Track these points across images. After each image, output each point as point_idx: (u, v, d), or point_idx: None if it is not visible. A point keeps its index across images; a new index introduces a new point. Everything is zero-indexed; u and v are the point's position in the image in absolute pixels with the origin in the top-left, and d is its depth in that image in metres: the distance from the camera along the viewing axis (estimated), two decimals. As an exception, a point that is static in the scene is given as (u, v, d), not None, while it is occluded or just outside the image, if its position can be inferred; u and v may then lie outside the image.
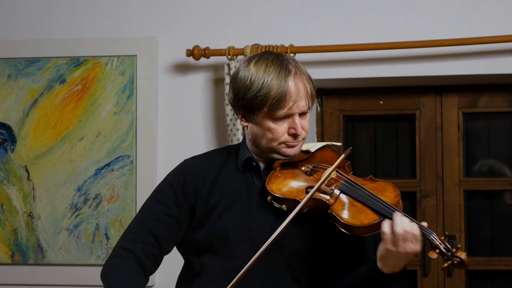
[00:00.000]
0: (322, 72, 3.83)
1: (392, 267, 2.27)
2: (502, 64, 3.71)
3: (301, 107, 2.35)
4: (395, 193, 2.32)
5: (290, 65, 2.37)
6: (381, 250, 2.25)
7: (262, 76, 2.33)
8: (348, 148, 2.45)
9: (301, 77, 2.36)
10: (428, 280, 3.95)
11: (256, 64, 2.36)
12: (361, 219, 2.26)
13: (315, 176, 2.36)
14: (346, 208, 2.29)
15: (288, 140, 2.37)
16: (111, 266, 2.41)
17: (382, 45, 3.70)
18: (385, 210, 2.26)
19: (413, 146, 4.04)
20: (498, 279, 4.01)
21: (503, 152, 4.05)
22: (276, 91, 2.32)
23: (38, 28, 4.04)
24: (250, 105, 2.35)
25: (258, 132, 2.39)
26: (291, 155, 2.40)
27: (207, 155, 2.54)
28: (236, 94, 2.39)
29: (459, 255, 2.21)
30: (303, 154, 2.44)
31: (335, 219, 2.28)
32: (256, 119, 2.37)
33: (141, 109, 3.92)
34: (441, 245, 2.22)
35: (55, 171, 3.97)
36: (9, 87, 4.03)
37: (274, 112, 2.33)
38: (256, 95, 2.33)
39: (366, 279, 2.31)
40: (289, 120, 2.36)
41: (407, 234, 2.20)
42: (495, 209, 4.05)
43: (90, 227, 3.93)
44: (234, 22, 3.90)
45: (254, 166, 2.43)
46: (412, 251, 2.22)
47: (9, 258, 3.99)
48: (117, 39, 3.97)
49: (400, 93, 4.03)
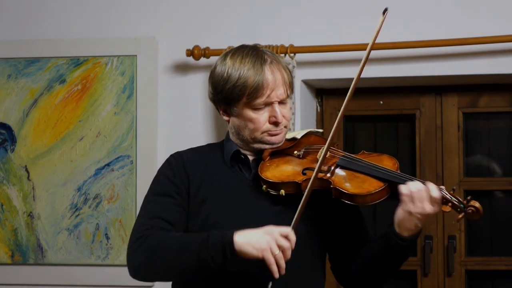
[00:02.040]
0: (322, 72, 3.83)
1: (410, 229, 2.28)
2: (502, 64, 3.71)
3: (279, 95, 2.38)
4: (393, 161, 2.37)
5: (265, 55, 2.40)
6: (400, 213, 2.27)
7: (239, 68, 2.37)
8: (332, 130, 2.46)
9: (277, 65, 2.40)
10: (428, 280, 3.95)
11: (232, 57, 2.40)
12: (367, 187, 2.28)
13: (308, 158, 2.38)
14: (349, 181, 2.30)
15: (270, 129, 2.39)
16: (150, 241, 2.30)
17: (382, 45, 3.70)
18: (389, 175, 2.30)
19: (413, 146, 4.04)
20: (498, 279, 4.01)
21: (503, 152, 4.05)
22: (253, 80, 2.35)
23: (38, 28, 4.04)
24: (229, 97, 2.38)
25: (240, 124, 2.41)
26: (276, 142, 2.41)
27: (193, 150, 2.55)
28: (215, 88, 2.41)
29: (472, 204, 2.25)
30: (289, 142, 2.45)
31: (339, 193, 2.29)
32: (236, 111, 2.40)
33: (141, 109, 3.92)
34: (453, 198, 2.26)
35: (55, 171, 3.97)
36: (9, 87, 4.03)
37: (253, 101, 2.36)
38: (234, 86, 2.36)
39: (385, 248, 2.31)
40: (269, 109, 2.38)
41: (423, 192, 2.25)
42: (495, 209, 4.05)
43: (90, 227, 3.93)
44: (234, 22, 3.90)
45: (243, 159, 2.43)
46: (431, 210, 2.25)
47: (9, 258, 3.99)
48: (117, 39, 3.97)
49: (400, 93, 4.03)
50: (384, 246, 2.32)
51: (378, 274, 2.39)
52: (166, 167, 2.46)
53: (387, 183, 2.29)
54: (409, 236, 2.29)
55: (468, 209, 2.26)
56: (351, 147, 4.12)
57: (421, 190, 2.25)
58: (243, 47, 2.43)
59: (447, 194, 2.27)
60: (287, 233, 2.22)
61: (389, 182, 2.29)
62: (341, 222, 2.42)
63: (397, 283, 4.12)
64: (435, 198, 2.25)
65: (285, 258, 2.21)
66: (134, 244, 2.33)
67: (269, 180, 2.34)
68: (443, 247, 3.95)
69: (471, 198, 2.28)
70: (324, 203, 2.36)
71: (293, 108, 3.72)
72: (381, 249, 2.33)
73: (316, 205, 2.35)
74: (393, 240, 2.29)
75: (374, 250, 2.35)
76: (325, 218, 2.41)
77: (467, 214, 2.26)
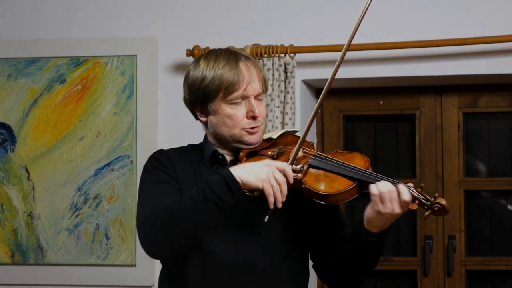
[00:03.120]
0: (322, 72, 3.83)
1: (379, 227, 2.31)
2: (502, 64, 3.71)
3: (255, 88, 2.40)
4: (364, 159, 2.38)
5: (239, 54, 2.44)
6: (369, 212, 2.29)
7: (214, 66, 2.40)
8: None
9: (251, 62, 2.44)
10: (428, 280, 3.95)
11: (205, 59, 2.43)
12: (336, 187, 2.30)
13: (281, 158, 2.40)
14: (320, 180, 2.33)
15: (249, 124, 2.41)
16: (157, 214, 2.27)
17: (382, 45, 3.70)
18: (358, 174, 2.32)
19: (413, 146, 4.04)
20: (498, 279, 4.01)
21: (503, 152, 4.05)
22: (228, 74, 2.38)
23: (38, 28, 4.04)
24: (206, 94, 2.39)
25: (217, 122, 2.42)
26: (253, 142, 2.43)
27: (175, 149, 2.55)
28: (190, 88, 2.43)
29: (439, 201, 2.28)
30: (265, 143, 2.47)
31: (310, 193, 2.31)
32: (214, 108, 2.41)
33: (141, 109, 3.92)
34: (420, 195, 2.28)
35: (55, 171, 3.97)
36: (9, 87, 4.03)
37: (230, 95, 2.38)
38: (210, 82, 2.38)
39: (355, 245, 2.34)
40: (246, 104, 2.40)
41: (392, 193, 2.26)
42: (495, 209, 4.05)
43: (90, 227, 3.93)
44: (234, 22, 3.90)
45: (221, 159, 2.45)
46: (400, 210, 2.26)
47: (9, 258, 3.99)
48: (117, 39, 3.97)
49: (400, 93, 4.03)
50: (355, 243, 2.34)
51: (354, 272, 2.40)
52: (152, 161, 2.47)
53: (357, 182, 2.31)
54: (378, 232, 2.31)
55: (434, 206, 2.29)
56: (351, 147, 4.12)
57: (391, 191, 2.26)
58: (215, 49, 2.47)
59: (414, 192, 2.29)
60: (284, 168, 2.26)
61: (359, 181, 2.31)
62: (318, 220, 2.44)
63: (397, 283, 4.12)
64: (404, 200, 2.27)
65: (281, 192, 2.24)
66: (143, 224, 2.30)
67: None
68: (443, 247, 3.95)
69: (438, 196, 2.31)
70: (300, 202, 2.38)
71: (293, 108, 3.73)
72: (352, 246, 2.35)
73: (293, 204, 2.36)
74: (363, 237, 2.31)
75: (347, 247, 2.37)
76: (303, 216, 2.43)
77: (433, 211, 2.29)
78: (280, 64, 3.73)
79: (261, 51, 3.73)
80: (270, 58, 3.73)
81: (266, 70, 3.72)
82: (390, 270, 4.03)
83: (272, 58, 3.73)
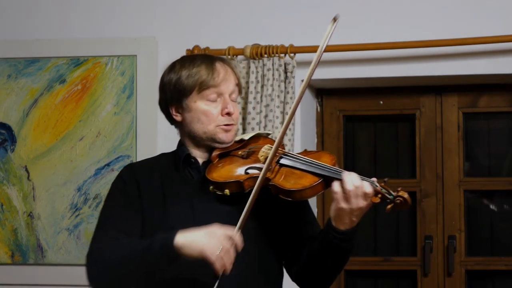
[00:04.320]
0: (322, 72, 3.82)
1: (346, 223, 2.33)
2: (502, 64, 3.71)
3: (230, 87, 2.46)
4: (331, 157, 2.43)
5: (215, 56, 2.52)
6: (335, 209, 2.32)
7: (189, 65, 2.46)
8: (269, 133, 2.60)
9: (228, 63, 2.50)
10: (428, 280, 3.95)
11: (180, 62, 2.50)
12: (302, 183, 2.35)
13: (251, 158, 2.46)
14: (287, 177, 2.38)
15: (223, 121, 2.45)
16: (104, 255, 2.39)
17: (382, 45, 3.70)
18: (324, 170, 2.36)
19: (413, 146, 4.04)
20: (498, 279, 4.01)
21: (503, 152, 4.05)
22: (205, 70, 2.43)
23: (38, 28, 4.04)
24: (181, 90, 2.44)
25: (192, 119, 2.46)
26: (226, 141, 2.47)
27: (144, 160, 2.62)
28: (166, 88, 2.49)
29: (401, 195, 2.32)
30: (237, 144, 2.52)
31: (278, 190, 2.37)
32: (188, 105, 2.46)
33: (141, 109, 3.92)
34: (383, 189, 2.33)
35: (55, 171, 3.97)
36: (9, 87, 4.03)
37: (205, 91, 2.43)
38: (186, 78, 2.44)
39: (324, 243, 2.35)
40: (221, 101, 2.45)
41: (357, 189, 2.28)
42: (495, 209, 4.05)
43: (90, 227, 3.93)
44: (234, 22, 3.90)
45: (193, 163, 2.48)
46: (364, 205, 2.30)
47: (9, 258, 3.99)
48: (117, 39, 3.97)
49: (400, 93, 4.03)
50: (322, 241, 2.36)
51: (322, 271, 2.41)
52: (117, 180, 2.52)
53: (323, 178, 2.36)
54: (346, 229, 2.32)
55: (396, 200, 2.33)
56: (351, 147, 4.12)
57: (355, 187, 2.29)
58: (190, 55, 2.53)
59: (377, 186, 2.33)
60: (232, 235, 2.26)
61: (325, 177, 2.36)
62: (286, 218, 2.47)
63: (397, 283, 4.12)
64: (367, 193, 2.30)
65: (228, 258, 2.24)
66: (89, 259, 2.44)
67: (215, 181, 2.42)
68: (443, 247, 3.95)
69: (401, 189, 2.34)
70: (270, 201, 2.41)
71: (293, 108, 3.72)
72: (321, 244, 2.37)
73: (263, 203, 2.39)
74: (331, 234, 2.33)
75: (315, 246, 2.39)
76: (272, 215, 2.45)
77: (396, 204, 2.33)
78: (280, 64, 3.73)
79: (261, 51, 3.73)
80: (270, 58, 3.73)
81: (266, 70, 3.72)
82: (390, 270, 4.03)
83: (272, 58, 3.73)
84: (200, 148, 2.50)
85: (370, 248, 4.09)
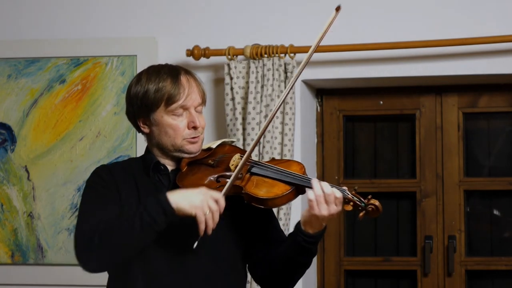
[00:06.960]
0: (322, 72, 3.83)
1: (315, 228, 2.43)
2: (502, 64, 3.71)
3: (194, 100, 2.51)
4: (300, 165, 2.51)
5: (179, 68, 2.56)
6: (306, 215, 2.42)
7: (155, 79, 2.51)
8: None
9: (191, 75, 2.55)
10: (428, 280, 3.95)
11: (146, 74, 2.55)
12: (275, 191, 2.43)
13: (222, 166, 2.52)
14: (259, 186, 2.45)
15: (190, 135, 2.51)
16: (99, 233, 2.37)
17: (382, 45, 3.70)
18: (296, 179, 2.43)
19: (413, 146, 4.04)
20: (498, 279, 4.01)
21: (503, 152, 4.05)
22: (169, 86, 2.48)
23: (38, 28, 4.04)
24: (148, 105, 2.50)
25: (160, 132, 2.52)
26: (194, 151, 2.53)
27: (116, 163, 2.69)
28: (133, 101, 2.52)
29: (372, 202, 2.40)
30: (205, 152, 2.58)
31: (250, 198, 2.43)
32: (156, 119, 2.51)
33: (141, 109, 3.92)
34: (354, 197, 2.40)
35: (55, 171, 3.97)
36: (9, 87, 4.03)
37: (171, 105, 2.48)
38: (153, 93, 2.49)
39: (293, 246, 2.44)
40: (186, 115, 2.50)
41: (329, 196, 2.38)
42: (495, 209, 4.05)
43: (90, 227, 3.92)
44: (234, 22, 3.90)
45: (162, 169, 2.54)
46: (335, 211, 2.39)
47: (9, 258, 3.99)
48: (117, 39, 3.97)
49: (400, 93, 4.03)
50: (292, 244, 2.45)
51: (289, 272, 2.50)
52: (94, 176, 2.56)
53: (294, 186, 2.43)
54: (314, 233, 2.43)
55: (368, 207, 2.40)
56: (351, 147, 4.12)
57: (326, 194, 2.38)
58: (156, 65, 2.59)
59: (349, 194, 2.41)
60: (218, 198, 2.36)
61: (296, 185, 2.43)
62: (253, 224, 2.55)
63: (397, 283, 4.12)
64: (338, 199, 2.38)
65: (213, 220, 2.35)
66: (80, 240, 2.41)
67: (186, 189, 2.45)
68: (443, 247, 3.95)
69: (371, 197, 2.42)
70: (238, 208, 2.48)
71: (293, 108, 3.73)
72: (290, 247, 2.46)
73: (232, 210, 2.45)
74: (299, 237, 2.42)
75: (284, 249, 2.48)
76: (240, 221, 2.53)
77: (367, 212, 2.41)
78: (280, 64, 3.73)
79: (261, 51, 3.73)
80: (270, 58, 3.73)
81: (266, 70, 3.72)
82: (390, 270, 4.03)
83: (272, 58, 3.73)
84: (168, 157, 2.55)
85: (370, 248, 4.09)
